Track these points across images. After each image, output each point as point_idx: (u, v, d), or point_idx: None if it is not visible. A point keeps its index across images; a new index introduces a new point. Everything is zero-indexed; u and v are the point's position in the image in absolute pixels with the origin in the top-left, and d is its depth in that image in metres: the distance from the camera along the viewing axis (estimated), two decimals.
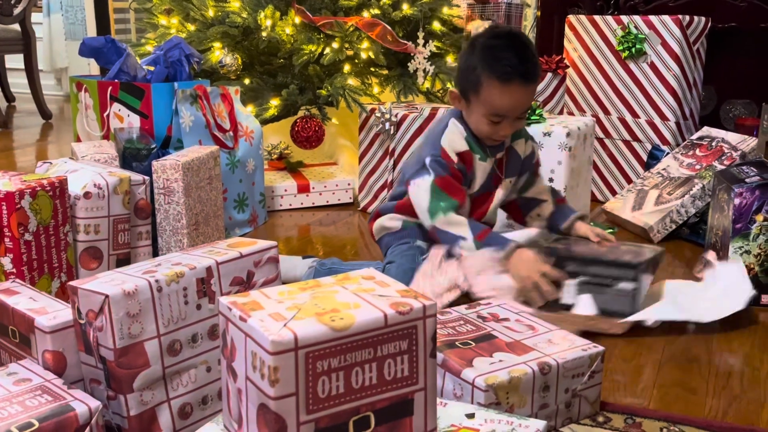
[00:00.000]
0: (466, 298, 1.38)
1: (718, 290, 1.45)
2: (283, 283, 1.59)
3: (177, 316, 0.96)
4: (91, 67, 4.79)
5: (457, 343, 1.05)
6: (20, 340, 0.98)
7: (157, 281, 0.93)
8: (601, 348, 1.06)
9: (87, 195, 1.31)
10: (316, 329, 0.66)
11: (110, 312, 0.89)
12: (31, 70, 4.11)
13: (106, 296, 0.89)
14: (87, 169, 1.39)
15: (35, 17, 4.27)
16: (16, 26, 4.02)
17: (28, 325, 0.96)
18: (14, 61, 4.44)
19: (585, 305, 1.40)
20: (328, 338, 0.66)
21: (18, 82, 4.74)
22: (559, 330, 1.11)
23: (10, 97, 4.71)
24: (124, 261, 1.40)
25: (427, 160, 1.51)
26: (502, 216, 1.71)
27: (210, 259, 1.00)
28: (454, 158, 1.51)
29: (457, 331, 1.09)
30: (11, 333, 1.00)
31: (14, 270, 1.19)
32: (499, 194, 1.57)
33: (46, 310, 0.97)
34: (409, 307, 0.70)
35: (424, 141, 1.62)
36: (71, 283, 0.92)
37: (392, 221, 1.62)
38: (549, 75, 2.15)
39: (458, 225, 1.47)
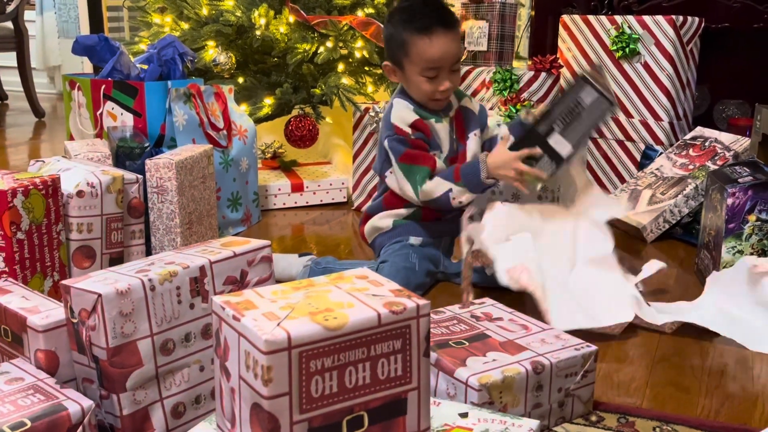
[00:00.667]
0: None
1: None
2: (279, 281, 1.60)
3: (170, 315, 0.95)
4: (85, 65, 4.77)
5: (450, 342, 1.05)
6: (12, 339, 0.98)
7: (150, 280, 0.93)
8: (593, 347, 1.06)
9: (80, 194, 1.30)
10: (310, 329, 0.66)
11: (103, 311, 0.88)
12: (23, 68, 4.10)
13: (99, 295, 0.88)
14: (80, 167, 1.38)
15: (28, 15, 4.25)
16: (9, 24, 4.00)
17: (20, 324, 0.96)
18: (7, 58, 4.42)
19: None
20: (321, 338, 0.66)
21: (10, 80, 4.72)
22: (552, 329, 1.12)
23: (2, 95, 4.70)
24: (117, 260, 1.40)
25: (386, 143, 1.57)
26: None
27: (203, 258, 1.00)
28: (408, 130, 1.55)
29: (451, 330, 1.09)
30: (3, 332, 0.99)
31: (6, 269, 1.18)
32: (471, 147, 1.62)
33: (38, 309, 0.96)
34: (403, 307, 0.70)
35: (380, 127, 1.66)
36: (64, 282, 0.92)
37: (383, 221, 1.63)
38: (543, 75, 2.15)
39: (436, 186, 1.51)
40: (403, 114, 1.56)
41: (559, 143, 1.46)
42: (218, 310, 0.71)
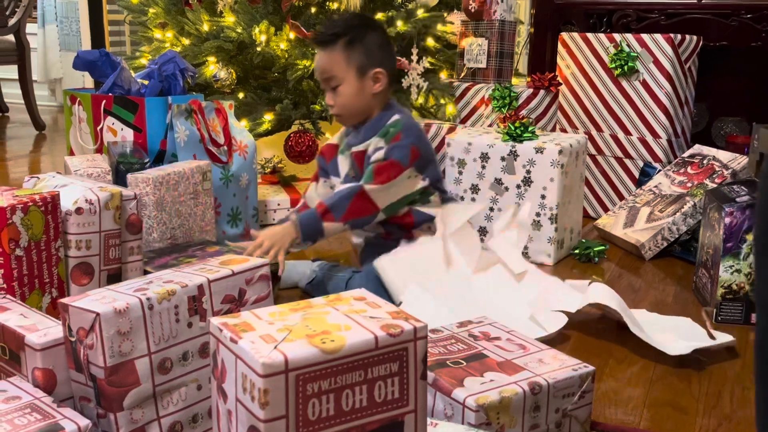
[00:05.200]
0: None
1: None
2: (296, 287, 1.64)
3: (168, 334, 0.95)
4: (86, 78, 4.79)
5: (448, 362, 1.05)
6: (10, 356, 0.98)
7: (148, 299, 0.93)
8: (591, 368, 1.06)
9: (79, 210, 1.31)
10: (307, 351, 0.66)
11: (101, 330, 0.89)
12: (25, 80, 4.11)
13: (97, 314, 0.88)
14: (77, 183, 1.38)
15: (29, 28, 4.27)
16: (11, 37, 4.02)
17: (18, 342, 0.96)
18: (8, 71, 4.44)
19: None
20: (318, 360, 0.66)
21: (11, 93, 4.73)
22: (549, 349, 1.12)
23: (3, 108, 4.71)
24: (114, 276, 1.40)
25: None
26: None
27: (202, 277, 1.00)
28: (319, 152, 1.77)
29: (449, 350, 1.09)
30: (1, 350, 0.99)
31: (5, 285, 1.18)
32: None
33: (36, 327, 0.96)
34: (400, 329, 0.70)
35: None
36: (62, 300, 0.92)
37: (355, 239, 1.74)
38: (542, 92, 2.16)
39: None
40: (335, 135, 1.78)
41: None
42: (216, 332, 0.71)
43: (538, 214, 1.88)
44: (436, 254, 1.54)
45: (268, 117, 2.24)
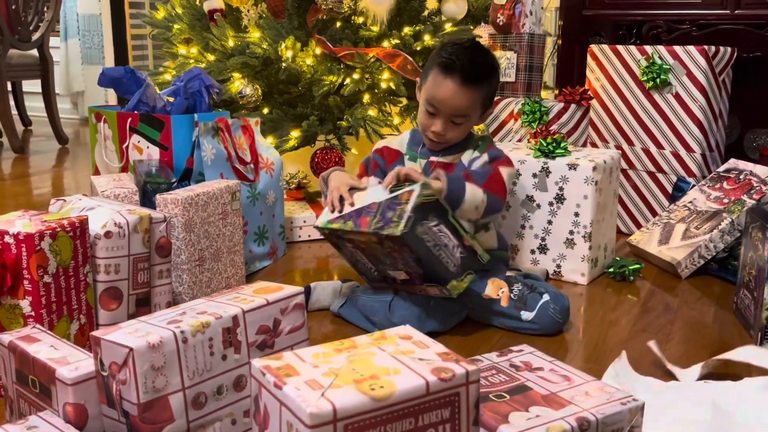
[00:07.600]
0: None
1: None
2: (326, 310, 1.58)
3: (202, 367, 0.92)
4: (108, 92, 4.81)
5: (491, 395, 1.01)
6: (40, 390, 0.95)
7: (182, 332, 0.90)
8: (640, 401, 1.02)
9: (108, 234, 1.28)
10: (355, 399, 0.62)
11: (134, 365, 0.86)
12: (48, 95, 4.13)
13: (131, 349, 0.85)
14: (104, 206, 1.36)
15: (52, 41, 4.30)
16: (34, 52, 4.04)
17: (49, 375, 0.93)
18: (30, 84, 4.46)
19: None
20: (367, 409, 0.63)
21: (34, 106, 4.75)
22: (595, 381, 1.07)
23: (26, 122, 4.73)
24: (143, 300, 1.37)
25: None
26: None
27: (236, 308, 0.97)
28: (375, 151, 1.70)
29: (490, 381, 1.05)
30: (31, 383, 0.97)
31: (33, 313, 1.16)
32: None
33: (67, 360, 0.94)
34: (452, 374, 0.66)
35: None
36: (94, 333, 0.89)
37: None
38: (573, 106, 2.11)
39: None
40: (392, 139, 1.74)
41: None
42: (258, 376, 0.68)
43: (571, 232, 1.83)
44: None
45: (295, 134, 2.22)
